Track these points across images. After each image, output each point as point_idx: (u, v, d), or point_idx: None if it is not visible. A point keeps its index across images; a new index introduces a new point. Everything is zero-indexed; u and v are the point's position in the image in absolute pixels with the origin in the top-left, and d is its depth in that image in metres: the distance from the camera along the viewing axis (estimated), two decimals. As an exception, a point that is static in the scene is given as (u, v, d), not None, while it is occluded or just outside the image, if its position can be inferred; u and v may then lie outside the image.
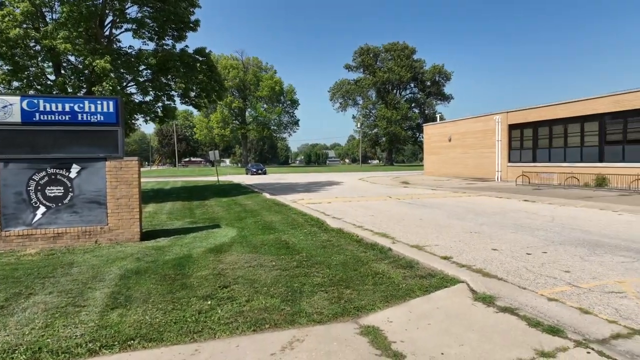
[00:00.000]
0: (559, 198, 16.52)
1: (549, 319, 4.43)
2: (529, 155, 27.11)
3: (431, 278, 5.86)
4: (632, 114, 20.64)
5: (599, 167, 21.96)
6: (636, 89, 20.35)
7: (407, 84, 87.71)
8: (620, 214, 12.39)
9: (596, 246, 7.96)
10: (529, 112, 26.86)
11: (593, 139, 22.89)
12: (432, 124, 40.46)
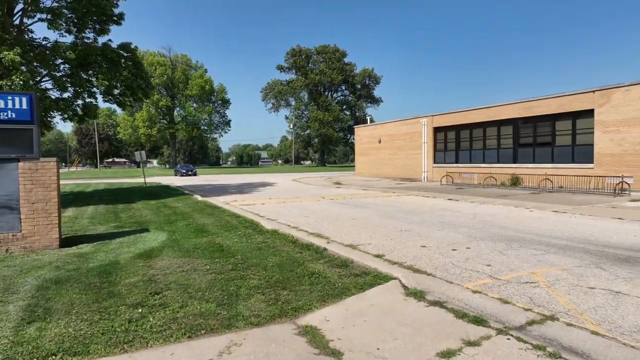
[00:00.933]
0: (479, 197, 17.69)
1: (474, 310, 4.74)
2: (452, 157, 28.76)
3: (365, 276, 6.04)
4: (540, 119, 22.64)
5: (513, 168, 23.84)
6: (543, 97, 22.35)
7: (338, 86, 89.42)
8: (532, 210, 13.53)
9: (512, 241, 8.63)
10: (452, 115, 28.49)
11: (508, 141, 24.79)
12: (363, 126, 41.59)
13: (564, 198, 16.61)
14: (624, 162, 18.63)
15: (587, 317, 4.51)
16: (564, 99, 21.22)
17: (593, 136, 19.92)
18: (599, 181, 18.97)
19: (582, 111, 20.45)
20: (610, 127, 19.12)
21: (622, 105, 18.63)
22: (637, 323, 4.34)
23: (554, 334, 4.11)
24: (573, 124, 21.14)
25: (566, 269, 6.40)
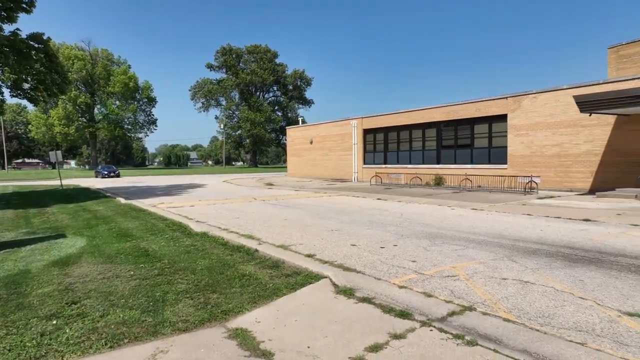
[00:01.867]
0: (406, 196, 18.46)
1: (400, 305, 4.95)
2: (381, 158, 29.76)
3: (297, 276, 6.07)
4: (460, 122, 24.12)
5: (437, 168, 25.17)
6: (463, 102, 23.83)
7: (270, 87, 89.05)
8: (453, 208, 14.37)
9: (436, 237, 9.12)
10: (381, 118, 29.49)
11: (432, 143, 26.13)
12: (295, 127, 41.76)
13: (482, 196, 17.82)
14: (532, 162, 20.38)
15: (500, 306, 4.88)
16: (481, 104, 22.78)
17: (507, 139, 21.57)
18: (512, 180, 20.58)
19: (497, 116, 22.07)
20: (521, 130, 20.82)
21: (530, 111, 20.37)
22: (542, 309, 4.77)
23: (471, 323, 4.40)
24: (489, 127, 22.75)
25: (483, 262, 6.88)
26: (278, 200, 18.01)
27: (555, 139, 19.46)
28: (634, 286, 5.50)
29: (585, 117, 17.42)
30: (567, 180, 19.11)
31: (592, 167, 18.22)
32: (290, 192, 22.63)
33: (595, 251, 7.56)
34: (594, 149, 18.11)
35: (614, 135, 17.51)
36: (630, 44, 22.54)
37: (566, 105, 18.41)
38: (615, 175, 17.34)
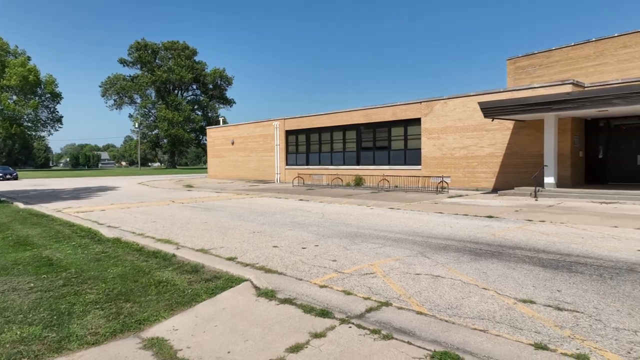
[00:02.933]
0: (327, 197, 18.83)
1: (321, 304, 5.04)
2: (303, 159, 30.05)
3: (217, 280, 5.94)
4: (379, 125, 25.11)
5: (357, 169, 25.97)
6: (380, 105, 24.84)
7: (189, 85, 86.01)
8: (372, 208, 14.93)
9: (355, 236, 9.41)
10: (303, 119, 29.77)
11: (352, 145, 26.91)
12: (216, 127, 40.76)
13: (399, 196, 18.70)
14: (443, 164, 21.79)
15: (414, 300, 5.17)
16: (398, 108, 23.90)
17: (420, 141, 22.84)
18: (426, 180, 21.84)
19: (412, 119, 23.28)
20: (433, 134, 22.17)
21: (441, 115, 21.76)
22: (451, 300, 5.13)
23: (387, 318, 4.61)
24: (405, 130, 23.93)
25: (399, 259, 7.23)
26: (198, 202, 17.47)
27: (463, 142, 20.97)
28: (527, 275, 6.11)
29: (489, 122, 18.98)
30: (473, 180, 20.68)
31: (494, 168, 19.90)
32: (210, 194, 22.05)
33: (497, 245, 8.27)
34: (496, 151, 19.80)
35: (513, 139, 19.28)
36: (525, 57, 24.98)
37: (473, 111, 19.92)
38: (514, 175, 19.10)
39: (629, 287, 5.50)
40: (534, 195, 16.22)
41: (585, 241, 8.44)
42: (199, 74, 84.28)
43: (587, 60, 22.19)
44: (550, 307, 4.82)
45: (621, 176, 18.23)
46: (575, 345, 3.85)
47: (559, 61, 23.42)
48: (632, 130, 18.01)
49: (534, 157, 18.44)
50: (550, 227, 10.19)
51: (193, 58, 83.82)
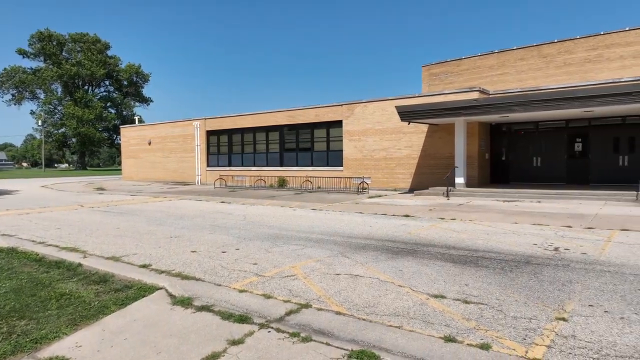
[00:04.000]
0: (250, 198, 18.57)
1: (240, 309, 4.93)
2: (225, 160, 29.39)
3: (128, 290, 5.58)
4: (302, 126, 25.29)
5: (281, 171, 25.92)
6: (304, 107, 25.04)
7: (101, 81, 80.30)
8: (295, 209, 14.97)
9: (277, 238, 9.36)
10: (224, 120, 29.11)
11: (275, 146, 26.81)
12: (131, 126, 38.52)
13: (321, 197, 18.96)
14: (364, 165, 22.47)
15: (333, 301, 5.24)
16: (320, 110, 24.23)
17: (342, 143, 23.35)
18: (347, 181, 22.37)
19: (334, 121, 23.73)
20: (354, 136, 22.78)
21: (362, 118, 22.43)
22: (368, 299, 5.27)
23: (307, 320, 4.62)
24: (327, 132, 24.33)
25: (320, 260, 7.30)
26: (110, 206, 16.36)
27: (382, 144, 21.78)
28: (439, 271, 6.46)
29: (406, 125, 19.88)
30: (392, 181, 21.55)
31: (411, 169, 20.91)
32: (125, 197, 20.77)
33: (412, 243, 8.67)
34: (413, 153, 20.82)
35: (427, 142, 20.38)
36: (438, 64, 26.55)
37: (391, 114, 20.74)
38: (428, 176, 20.19)
39: (526, 278, 6.03)
40: (446, 195, 17.27)
41: (490, 237, 9.12)
42: (112, 69, 78.96)
43: (491, 69, 24.10)
44: (458, 301, 5.13)
45: (521, 176, 20.03)
46: (479, 336, 4.12)
47: (468, 69, 25.19)
48: (529, 134, 19.87)
49: (446, 158, 19.64)
50: (460, 224, 10.90)
51: (105, 52, 78.40)
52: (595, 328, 4.25)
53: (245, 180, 27.05)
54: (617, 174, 17.55)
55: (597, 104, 14.16)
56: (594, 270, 6.36)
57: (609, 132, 17.97)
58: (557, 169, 19.08)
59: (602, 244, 8.14)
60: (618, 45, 20.36)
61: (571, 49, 21.58)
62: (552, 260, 7.03)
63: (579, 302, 5.02)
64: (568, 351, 3.76)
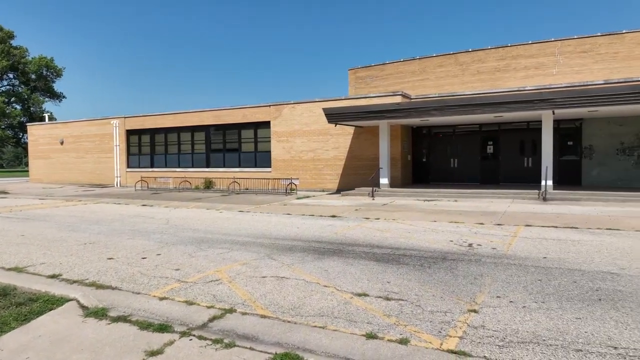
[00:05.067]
0: (174, 201, 17.87)
1: (160, 318, 4.72)
2: (147, 161, 28.03)
3: (33, 303, 5.12)
4: (229, 127, 24.82)
5: (207, 172, 25.22)
6: (231, 107, 24.59)
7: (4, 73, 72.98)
8: (221, 211, 14.64)
9: (202, 242, 9.09)
10: (146, 118, 27.74)
11: (201, 146, 26.05)
12: (40, 124, 35.40)
13: (249, 199, 18.72)
14: (292, 166, 22.54)
15: (258, 304, 5.18)
16: (248, 110, 23.94)
17: (270, 144, 23.25)
18: (276, 183, 22.30)
19: (262, 122, 23.55)
20: (282, 137, 22.77)
21: (289, 119, 22.49)
22: (294, 301, 5.29)
23: (231, 325, 4.53)
24: (255, 133, 24.09)
25: (246, 263, 7.20)
26: (14, 211, 14.92)
27: (310, 145, 21.99)
28: (363, 270, 6.65)
29: (333, 127, 20.23)
30: (320, 182, 21.84)
31: (338, 170, 21.32)
32: (32, 201, 19.05)
33: (338, 243, 8.84)
34: (340, 154, 21.25)
35: (354, 143, 20.91)
36: (364, 68, 27.34)
37: (318, 116, 21.00)
38: (355, 177, 20.72)
39: (443, 273, 6.39)
40: (372, 195, 17.83)
41: (411, 235, 9.55)
42: (18, 61, 72.05)
43: (413, 75, 25.27)
44: (380, 298, 5.31)
45: (440, 176, 21.22)
46: (399, 331, 4.29)
47: (392, 74, 26.20)
48: (447, 137, 21.12)
49: (371, 160, 20.27)
50: (384, 223, 11.30)
51: (9, 42, 71.35)
52: (502, 318, 4.60)
53: (169, 182, 25.99)
54: (523, 174, 19.20)
55: (505, 110, 15.39)
56: (502, 263, 6.90)
57: (516, 136, 19.59)
58: (472, 170, 20.46)
59: (509, 239, 8.85)
60: (523, 56, 22.30)
61: (483, 58, 23.25)
62: (466, 255, 7.52)
63: (488, 294, 5.41)
64: (478, 341, 4.04)
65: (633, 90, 13.52)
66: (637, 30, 20.41)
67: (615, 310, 4.74)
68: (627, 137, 17.07)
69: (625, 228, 9.75)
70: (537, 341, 4.00)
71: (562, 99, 14.38)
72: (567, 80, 20.77)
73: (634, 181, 17.00)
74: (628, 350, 3.79)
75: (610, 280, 5.85)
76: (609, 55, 20.77)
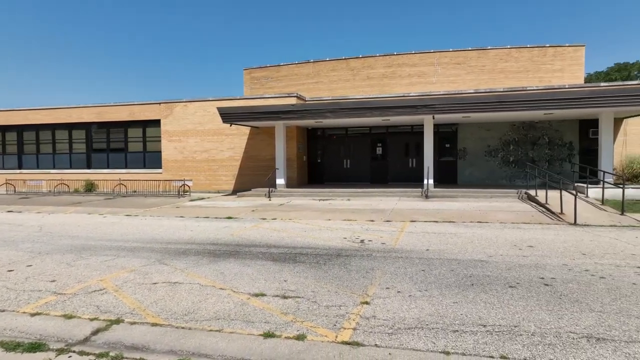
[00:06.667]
0: (49, 206, 16.04)
1: (32, 336, 4.21)
2: (14, 161, 24.78)
3: None
4: (113, 125, 22.98)
5: (88, 174, 23.07)
6: (115, 104, 22.80)
7: None
8: (105, 216, 13.50)
9: (83, 250, 8.29)
10: (13, 114, 24.49)
11: (81, 146, 23.74)
12: None
13: (137, 202, 17.53)
14: (185, 167, 21.62)
15: (149, 312, 4.89)
16: (135, 107, 22.40)
17: (161, 144, 22.02)
18: (167, 184, 21.18)
19: (151, 120, 22.20)
20: (174, 136, 21.71)
21: (182, 118, 21.54)
22: (188, 306, 5.08)
23: (118, 336, 4.21)
24: (144, 132, 22.64)
25: (134, 270, 6.73)
26: None
27: (204, 146, 21.30)
28: (260, 271, 6.63)
29: (228, 127, 19.84)
30: (215, 183, 21.25)
31: (234, 170, 20.96)
32: None
33: (235, 245, 8.69)
34: (235, 155, 20.90)
35: (249, 144, 20.73)
36: (260, 69, 27.27)
37: (212, 115, 20.43)
38: (251, 178, 20.54)
39: (337, 269, 6.64)
40: (268, 196, 17.84)
41: (307, 234, 9.76)
42: None
43: (307, 77, 25.85)
44: (278, 297, 5.34)
45: (334, 177, 21.97)
46: (296, 328, 4.36)
47: (287, 76, 26.50)
48: (340, 139, 21.95)
49: (267, 160, 20.28)
50: (281, 223, 11.38)
51: None
52: (390, 307, 4.92)
53: (42, 185, 23.25)
54: (409, 174, 20.72)
55: (392, 114, 16.47)
56: (391, 257, 7.38)
57: (402, 139, 21.06)
58: (364, 170, 21.53)
59: (397, 234, 9.50)
60: (407, 65, 24.09)
61: (373, 65, 24.65)
62: (358, 251, 7.89)
63: (378, 286, 5.74)
64: (369, 330, 4.27)
65: (497, 100, 15.37)
66: (499, 48, 23.30)
67: (484, 293, 5.34)
68: (492, 140, 19.34)
69: (492, 221, 11.04)
70: (421, 326, 4.35)
71: (441, 105, 15.81)
72: (444, 88, 22.93)
73: (499, 179, 19.32)
74: (494, 327, 4.31)
75: (481, 267, 6.59)
76: (478, 67, 23.41)
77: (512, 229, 9.95)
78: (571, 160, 18.37)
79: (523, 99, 15.09)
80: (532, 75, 22.89)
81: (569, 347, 3.84)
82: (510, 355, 3.71)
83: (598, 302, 4.97)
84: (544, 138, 18.70)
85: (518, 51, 23.11)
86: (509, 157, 19.17)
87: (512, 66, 23.10)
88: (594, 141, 17.49)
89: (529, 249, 7.78)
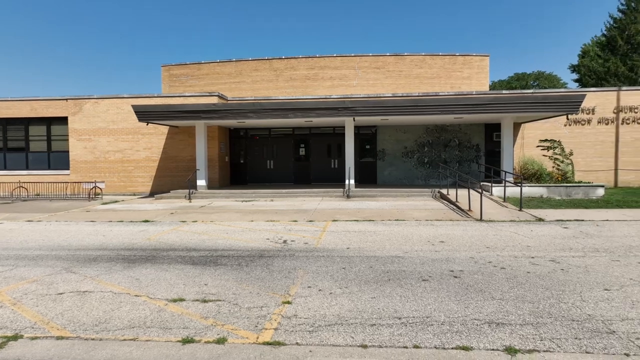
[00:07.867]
0: None
1: None
2: None
3: None
4: (12, 122, 20.85)
5: (-19, 176, 20.70)
6: (13, 99, 20.69)
7: None
8: (2, 222, 12.22)
9: (-26, 261, 7.45)
10: None
11: (-28, 145, 21.25)
12: None
13: (41, 206, 16.07)
14: (97, 168, 20.20)
15: (54, 325, 4.51)
16: (38, 103, 20.51)
17: (68, 143, 20.38)
18: (76, 187, 19.65)
19: (57, 118, 20.47)
20: (83, 135, 20.19)
21: (92, 116, 20.11)
22: (99, 315, 4.77)
23: (16, 354, 3.84)
24: (48, 130, 20.81)
25: (36, 280, 6.18)
26: None
27: (118, 145, 20.06)
28: (179, 275, 6.40)
29: (144, 125, 18.87)
30: (130, 185, 20.10)
31: (151, 172, 19.97)
32: None
33: (152, 249, 8.30)
34: (153, 155, 19.93)
35: (168, 144, 19.89)
36: (179, 66, 26.29)
37: (127, 114, 19.32)
38: (170, 179, 19.72)
39: (259, 270, 6.60)
40: (188, 198, 17.25)
41: (229, 236, 9.59)
42: None
43: (229, 77, 25.39)
44: (197, 301, 5.20)
45: (257, 177, 21.80)
46: (217, 332, 4.28)
47: (208, 74, 25.82)
48: (263, 140, 21.83)
49: (187, 161, 19.61)
50: (202, 226, 11.06)
51: None
52: (312, 305, 5.00)
53: None
54: (331, 175, 21.14)
55: (314, 116, 16.71)
56: (313, 256, 7.49)
57: (324, 140, 21.44)
58: (287, 171, 21.60)
59: (319, 234, 9.66)
60: (329, 67, 24.59)
61: (295, 66, 24.82)
62: (281, 251, 7.91)
63: (300, 285, 5.81)
64: (291, 330, 4.31)
65: (413, 104, 16.22)
66: (415, 54, 24.61)
67: (400, 287, 5.62)
68: (409, 142, 20.37)
69: (408, 218, 11.63)
70: (341, 322, 4.48)
71: (361, 107, 16.33)
72: (365, 91, 23.73)
73: (415, 179, 20.39)
74: (409, 318, 4.56)
75: (397, 263, 6.92)
76: (396, 72, 24.53)
77: (426, 225, 10.55)
78: (478, 161, 19.91)
79: (436, 104, 16.07)
80: (444, 81, 24.47)
81: (474, 332, 4.18)
82: (422, 344, 3.95)
83: (499, 291, 5.45)
84: (454, 140, 20.06)
85: (432, 58, 24.58)
86: (424, 158, 20.30)
87: (427, 72, 24.52)
88: (497, 144, 19.14)
89: (441, 244, 8.32)
